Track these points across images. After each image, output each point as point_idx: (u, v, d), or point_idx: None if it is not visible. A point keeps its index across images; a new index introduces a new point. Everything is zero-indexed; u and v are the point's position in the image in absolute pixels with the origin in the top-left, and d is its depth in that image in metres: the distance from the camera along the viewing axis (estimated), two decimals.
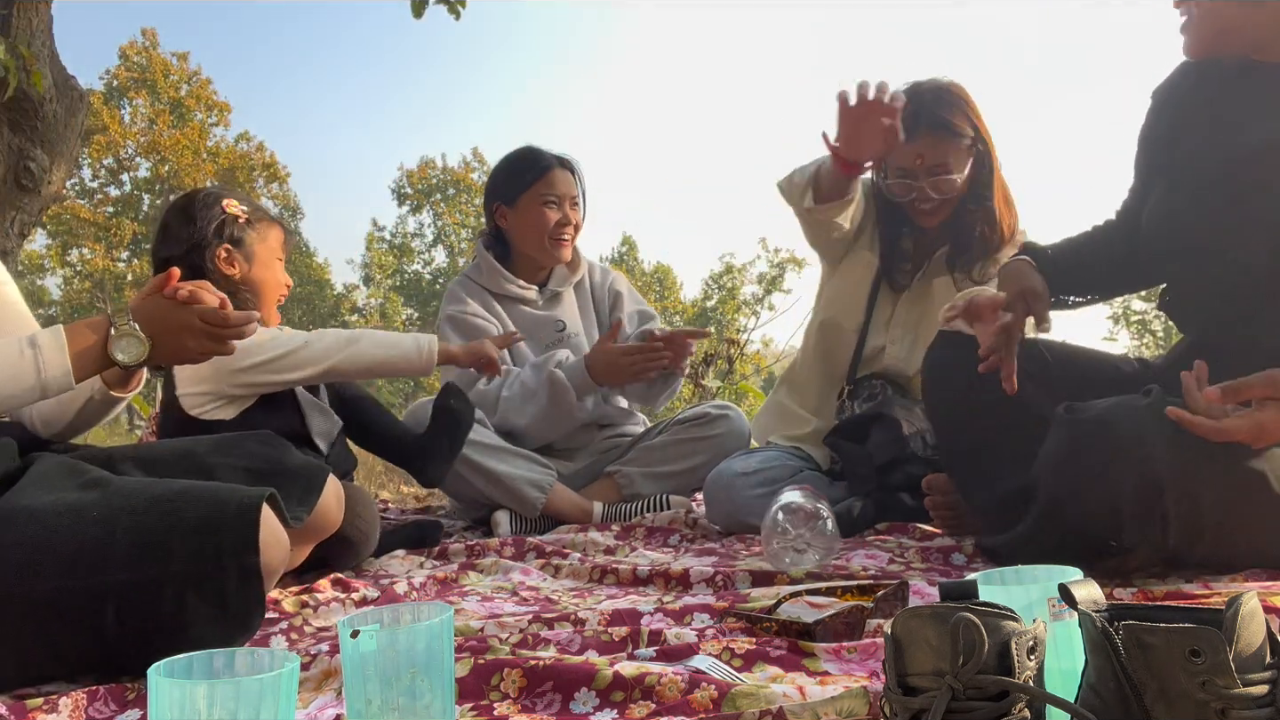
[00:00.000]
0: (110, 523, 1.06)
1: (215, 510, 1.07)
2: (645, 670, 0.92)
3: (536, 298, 2.49)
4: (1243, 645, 0.57)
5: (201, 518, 1.06)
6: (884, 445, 2.00)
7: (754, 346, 12.93)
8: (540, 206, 2.39)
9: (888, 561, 1.61)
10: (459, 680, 0.94)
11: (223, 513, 1.07)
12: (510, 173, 2.46)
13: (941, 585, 0.68)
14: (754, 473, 2.02)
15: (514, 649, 1.10)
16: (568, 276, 2.54)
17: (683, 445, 2.36)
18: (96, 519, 1.06)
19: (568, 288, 2.55)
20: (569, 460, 2.43)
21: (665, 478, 2.35)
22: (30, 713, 0.90)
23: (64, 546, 1.04)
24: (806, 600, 1.20)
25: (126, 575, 1.03)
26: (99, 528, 1.05)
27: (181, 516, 1.06)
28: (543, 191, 2.39)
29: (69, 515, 1.07)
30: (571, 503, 2.26)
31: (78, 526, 1.06)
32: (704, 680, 0.89)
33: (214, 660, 0.68)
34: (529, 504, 2.21)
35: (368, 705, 0.74)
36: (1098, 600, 0.66)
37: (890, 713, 0.62)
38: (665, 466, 2.35)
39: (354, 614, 0.80)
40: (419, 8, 3.65)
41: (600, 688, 0.91)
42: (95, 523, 1.06)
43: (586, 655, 1.08)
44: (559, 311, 2.52)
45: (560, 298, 2.54)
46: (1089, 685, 0.64)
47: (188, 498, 1.09)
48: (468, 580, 1.63)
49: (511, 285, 2.46)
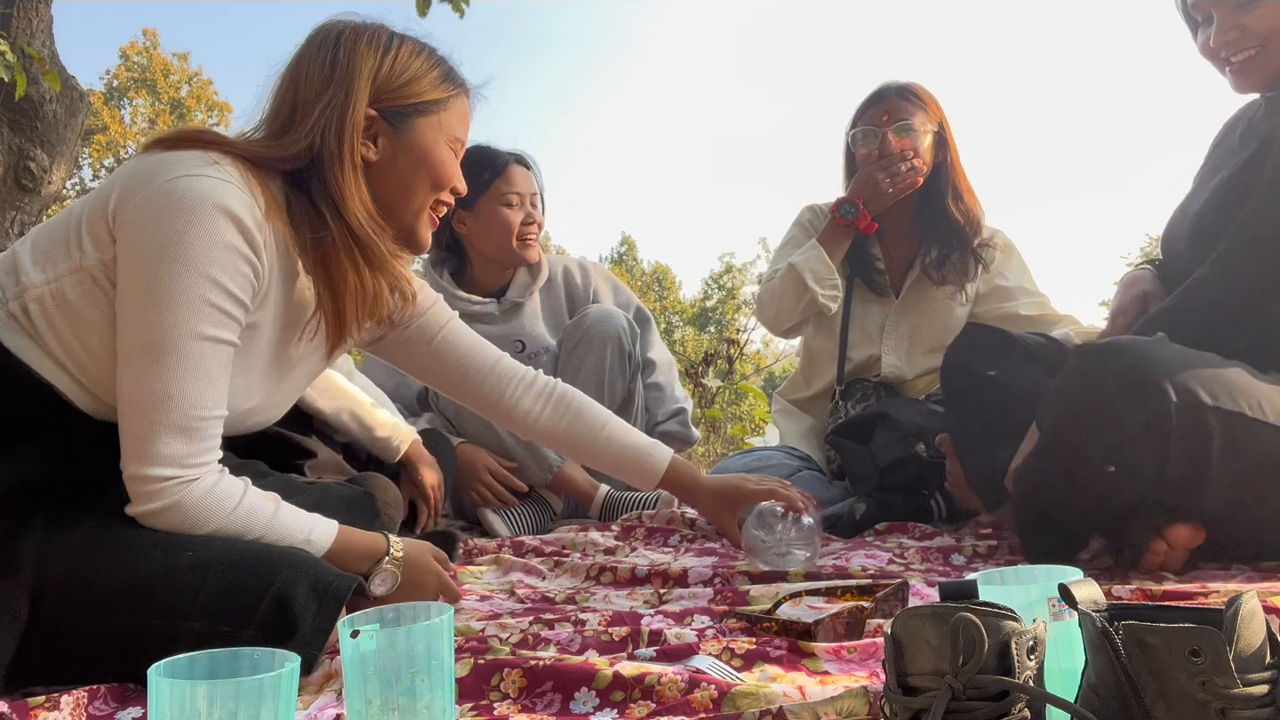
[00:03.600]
0: (203, 570, 1.02)
1: (304, 590, 1.04)
2: (645, 670, 0.92)
3: (494, 311, 2.36)
4: (1243, 645, 0.57)
5: (288, 592, 1.03)
6: (888, 445, 2.01)
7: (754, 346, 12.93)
8: (500, 208, 2.28)
9: (887, 561, 1.61)
10: (459, 680, 0.94)
11: (310, 594, 1.04)
12: (466, 175, 2.36)
13: (941, 585, 0.68)
14: (752, 471, 2.03)
15: (514, 649, 1.10)
16: (529, 284, 2.41)
17: None
18: (189, 563, 1.03)
19: (529, 296, 2.41)
20: None
21: None
22: (32, 710, 0.90)
23: (154, 581, 1.01)
24: (806, 602, 1.21)
25: (202, 626, 1.01)
26: (190, 573, 1.02)
27: (271, 584, 1.03)
28: (503, 190, 2.28)
29: (161, 550, 1.04)
30: (582, 477, 2.25)
31: (169, 566, 1.02)
32: (704, 680, 0.89)
33: (214, 660, 0.68)
34: (545, 464, 2.21)
35: (368, 705, 0.74)
36: (1098, 600, 0.66)
37: (890, 713, 0.62)
38: None
39: (354, 614, 0.80)
40: (423, 6, 3.66)
41: (600, 687, 0.91)
42: (187, 567, 1.02)
43: (587, 655, 1.08)
44: (518, 325, 2.38)
45: (520, 309, 2.40)
46: (1089, 685, 0.64)
47: (285, 563, 1.06)
48: (466, 579, 1.63)
49: (464, 303, 2.33)
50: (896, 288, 2.25)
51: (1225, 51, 1.47)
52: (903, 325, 2.23)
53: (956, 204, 2.15)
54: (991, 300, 2.20)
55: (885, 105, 2.14)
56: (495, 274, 2.39)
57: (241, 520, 1.09)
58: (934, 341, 2.21)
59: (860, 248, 2.23)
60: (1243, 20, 1.43)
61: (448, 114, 1.29)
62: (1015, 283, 2.19)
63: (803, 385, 2.37)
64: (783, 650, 1.03)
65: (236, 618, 1.01)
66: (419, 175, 1.27)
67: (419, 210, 1.29)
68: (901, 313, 2.23)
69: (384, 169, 1.25)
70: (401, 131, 1.25)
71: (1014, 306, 2.16)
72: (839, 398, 2.26)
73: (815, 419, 2.31)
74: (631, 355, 2.33)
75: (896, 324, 2.23)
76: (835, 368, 2.28)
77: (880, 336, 2.22)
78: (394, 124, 1.24)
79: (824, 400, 2.31)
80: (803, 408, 2.35)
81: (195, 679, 0.66)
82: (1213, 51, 1.48)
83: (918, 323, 2.23)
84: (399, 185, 1.26)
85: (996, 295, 2.20)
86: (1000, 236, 2.24)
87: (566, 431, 1.54)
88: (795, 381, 2.42)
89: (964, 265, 2.17)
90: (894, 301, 2.23)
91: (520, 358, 2.29)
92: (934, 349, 2.21)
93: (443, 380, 1.52)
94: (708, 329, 30.92)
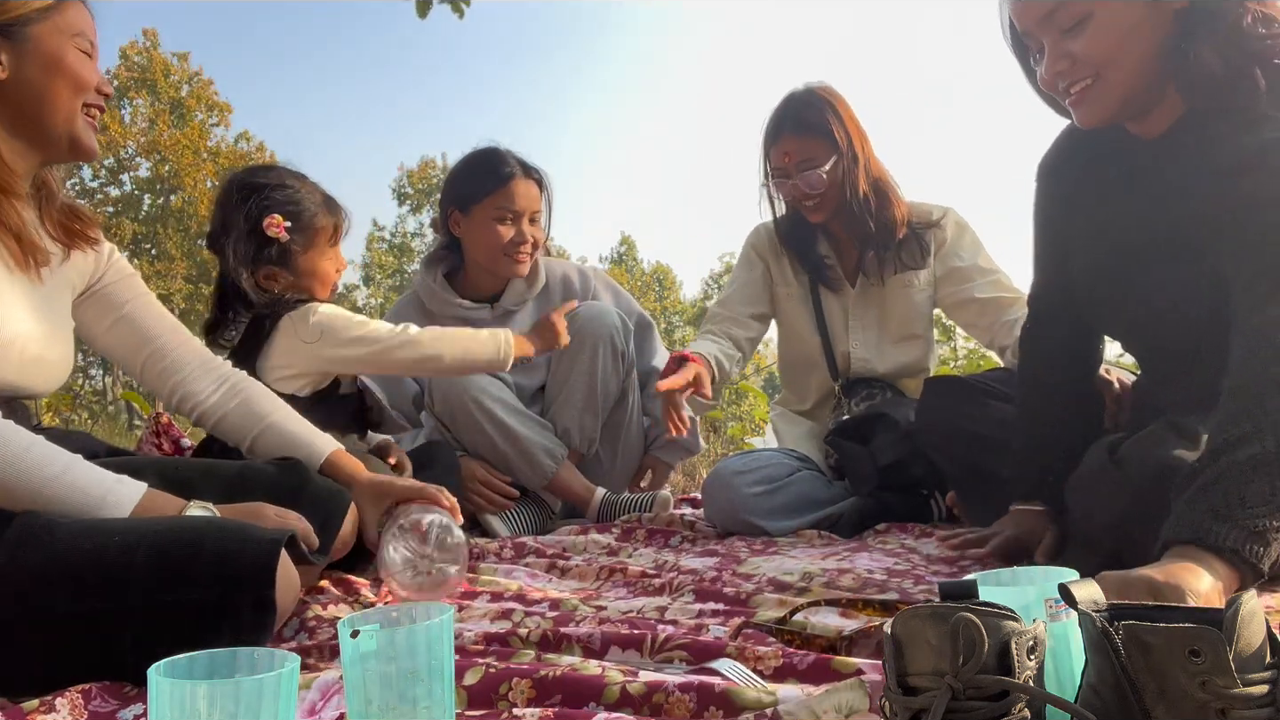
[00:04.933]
0: (132, 546, 1.05)
1: (237, 543, 1.08)
2: (654, 687, 0.90)
3: (487, 317, 2.32)
4: (1243, 645, 0.57)
5: (224, 547, 1.07)
6: (888, 446, 2.01)
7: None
8: (493, 221, 2.23)
9: (893, 565, 1.60)
10: (468, 688, 0.94)
11: (244, 545, 1.08)
12: (468, 177, 2.29)
13: (941, 585, 0.68)
14: (752, 470, 2.03)
15: (538, 649, 1.10)
16: (525, 291, 2.37)
17: None
18: (119, 543, 1.05)
19: (524, 304, 2.38)
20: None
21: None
22: (28, 715, 0.90)
23: (85, 566, 1.04)
24: (823, 614, 1.18)
25: (144, 600, 1.03)
26: (120, 551, 1.05)
27: (204, 544, 1.06)
28: (500, 204, 2.22)
29: (90, 535, 1.06)
30: (579, 481, 2.25)
31: (99, 547, 1.05)
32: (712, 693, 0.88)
33: (214, 660, 0.68)
34: (540, 470, 2.20)
35: (367, 705, 0.74)
36: (1098, 600, 0.66)
37: (890, 712, 0.62)
38: None
39: (354, 614, 0.80)
40: (423, 7, 3.65)
41: (609, 702, 0.90)
42: (117, 546, 1.05)
43: (609, 654, 1.08)
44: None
45: (513, 317, 2.35)
46: (1089, 685, 0.64)
47: (212, 527, 1.10)
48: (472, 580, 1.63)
49: (456, 308, 2.31)
50: (851, 278, 2.25)
51: (1061, 83, 1.34)
52: (866, 316, 2.24)
53: (877, 214, 2.14)
54: (948, 284, 2.20)
55: (785, 146, 2.12)
56: (490, 280, 2.35)
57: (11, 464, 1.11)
58: (901, 331, 2.23)
59: (809, 247, 2.25)
60: (1072, 49, 1.31)
61: (63, 16, 1.31)
62: (970, 262, 2.18)
63: (795, 400, 2.38)
64: (809, 660, 0.99)
65: (176, 582, 1.04)
66: (54, 82, 1.30)
67: (69, 117, 1.32)
68: (862, 303, 2.24)
69: (17, 85, 1.28)
70: (21, 42, 1.28)
71: (970, 289, 2.15)
72: (841, 394, 2.26)
73: (816, 422, 2.31)
74: (625, 354, 2.32)
75: (860, 315, 2.24)
76: (816, 374, 2.29)
77: (847, 332, 2.24)
78: (11, 38, 1.27)
79: (823, 407, 2.32)
80: (804, 415, 2.35)
81: (195, 679, 0.66)
82: (1050, 83, 1.36)
83: (880, 313, 2.24)
84: (36, 97, 1.29)
85: (952, 278, 2.19)
86: (951, 215, 2.23)
87: (229, 415, 1.55)
88: (786, 397, 2.43)
89: (903, 260, 2.19)
90: (851, 292, 2.24)
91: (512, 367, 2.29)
92: (902, 339, 2.24)
93: (124, 352, 1.53)
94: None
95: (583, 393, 2.27)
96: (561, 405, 2.28)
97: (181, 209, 26.41)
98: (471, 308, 2.33)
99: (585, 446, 2.32)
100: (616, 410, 2.37)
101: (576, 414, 2.28)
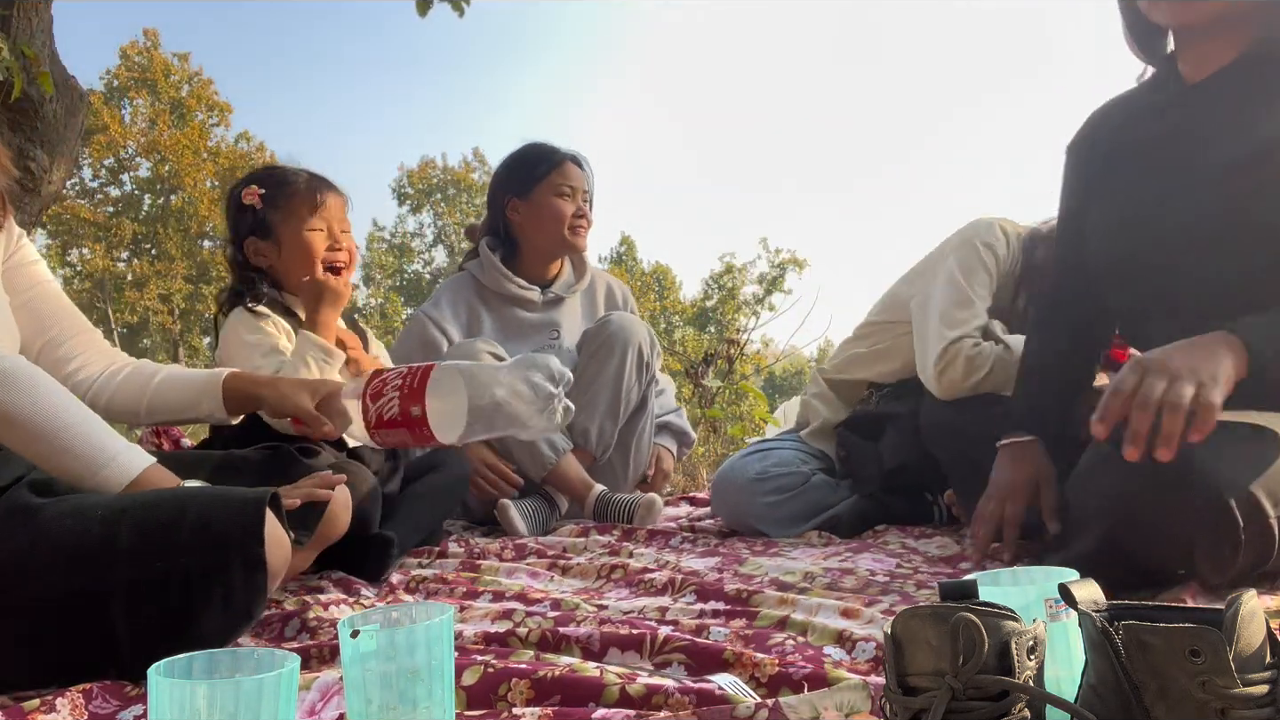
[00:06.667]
0: (114, 521, 1.05)
1: (220, 505, 1.08)
2: (653, 689, 0.90)
3: (537, 299, 2.44)
4: (1243, 645, 0.57)
5: (206, 511, 1.07)
6: (896, 447, 1.99)
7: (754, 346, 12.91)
8: (556, 197, 2.38)
9: (895, 566, 1.60)
10: (466, 688, 0.94)
11: (227, 506, 1.08)
12: (524, 164, 2.45)
13: (941, 585, 0.68)
14: (768, 479, 2.00)
15: (536, 650, 1.10)
16: (573, 283, 2.50)
17: None
18: (101, 518, 1.06)
19: (572, 295, 2.50)
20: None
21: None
22: (29, 714, 0.90)
23: (68, 547, 1.04)
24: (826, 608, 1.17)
25: (132, 573, 1.03)
26: (103, 526, 1.05)
27: (186, 512, 1.06)
28: (558, 181, 2.39)
29: (73, 515, 1.07)
30: (578, 475, 2.24)
31: (81, 526, 1.05)
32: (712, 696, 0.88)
33: (214, 660, 0.68)
34: (540, 461, 2.21)
35: (367, 705, 0.74)
36: (1098, 600, 0.66)
37: (890, 713, 0.62)
38: None
39: (354, 614, 0.80)
40: (424, 5, 3.64)
41: (609, 702, 0.90)
42: (99, 521, 1.05)
43: (608, 655, 1.08)
44: (556, 316, 2.46)
45: (561, 304, 2.48)
46: (1089, 685, 0.64)
47: (192, 495, 1.10)
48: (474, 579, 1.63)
49: (511, 285, 2.41)
50: None
51: None
52: None
53: None
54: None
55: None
56: (542, 267, 2.47)
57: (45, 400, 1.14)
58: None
59: None
60: None
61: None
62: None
63: (863, 365, 2.18)
64: (805, 671, 0.98)
65: (163, 552, 1.04)
66: None
67: None
68: None
69: None
70: None
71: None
72: (872, 389, 2.17)
73: (849, 406, 2.20)
74: (649, 365, 2.36)
75: None
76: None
77: None
78: None
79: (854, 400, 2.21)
80: (852, 391, 2.21)
81: (195, 679, 0.66)
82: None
83: None
84: None
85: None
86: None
87: (121, 386, 1.54)
88: (856, 359, 2.19)
89: None
90: None
91: (551, 343, 2.38)
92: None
93: (24, 336, 1.51)
94: (708, 329, 30.92)
95: (607, 397, 2.30)
96: (584, 408, 2.28)
97: (181, 209, 26.39)
98: (525, 286, 2.43)
99: (600, 451, 2.34)
100: (634, 416, 2.40)
101: (598, 417, 2.30)
